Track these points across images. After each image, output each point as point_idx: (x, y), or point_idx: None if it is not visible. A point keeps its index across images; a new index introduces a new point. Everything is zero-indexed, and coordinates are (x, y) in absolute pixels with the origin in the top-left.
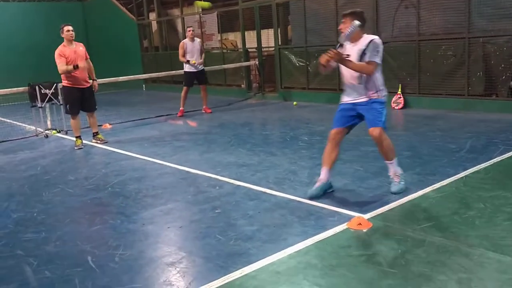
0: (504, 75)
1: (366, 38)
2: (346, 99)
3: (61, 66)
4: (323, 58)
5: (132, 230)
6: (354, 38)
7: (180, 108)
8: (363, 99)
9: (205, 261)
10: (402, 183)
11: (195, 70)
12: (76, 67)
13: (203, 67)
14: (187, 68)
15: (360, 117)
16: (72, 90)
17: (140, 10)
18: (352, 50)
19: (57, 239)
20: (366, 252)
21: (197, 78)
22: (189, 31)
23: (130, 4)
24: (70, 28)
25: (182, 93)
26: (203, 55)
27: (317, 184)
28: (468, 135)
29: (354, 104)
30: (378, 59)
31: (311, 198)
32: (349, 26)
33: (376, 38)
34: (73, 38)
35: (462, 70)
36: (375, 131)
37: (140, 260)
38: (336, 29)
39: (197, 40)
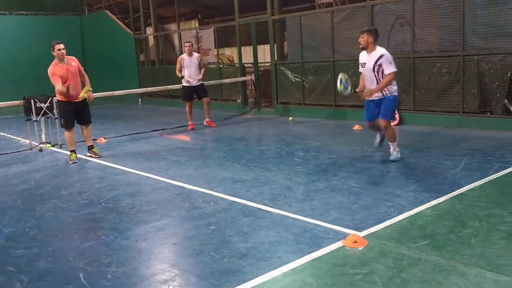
0: (499, 92)
1: (378, 50)
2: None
3: (58, 86)
4: (366, 96)
5: (125, 247)
6: (370, 49)
7: (189, 122)
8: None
9: (199, 279)
10: (399, 155)
11: (194, 84)
12: (68, 89)
13: (201, 82)
14: (185, 82)
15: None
16: (65, 104)
17: (137, 25)
18: (368, 59)
19: (49, 255)
20: (362, 270)
21: (196, 93)
22: (186, 46)
23: (127, 19)
24: (61, 46)
25: (186, 109)
26: (202, 70)
27: (378, 139)
28: (463, 153)
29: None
30: (393, 68)
31: (377, 148)
32: (365, 40)
33: (386, 52)
34: (64, 57)
35: (456, 87)
36: (383, 122)
37: (132, 277)
38: (331, 45)
39: (195, 54)
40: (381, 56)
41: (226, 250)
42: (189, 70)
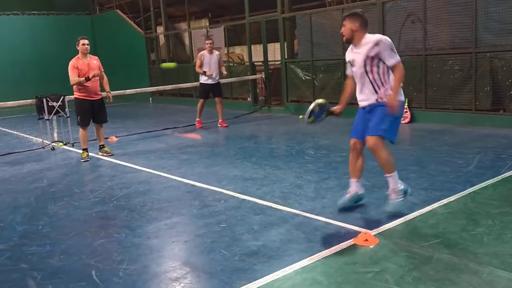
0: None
1: (368, 37)
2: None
3: (73, 77)
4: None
5: (136, 244)
6: (356, 39)
7: (197, 119)
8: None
9: (209, 277)
10: (398, 200)
11: (211, 82)
12: (87, 79)
13: (219, 81)
14: (203, 79)
15: None
16: (83, 102)
17: (148, 24)
18: (357, 52)
19: (62, 252)
20: (373, 269)
21: (212, 91)
22: (207, 43)
23: (138, 18)
24: (86, 41)
25: (198, 105)
26: (222, 68)
27: (347, 196)
28: (476, 150)
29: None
30: (398, 57)
31: (340, 210)
32: (348, 29)
33: (383, 37)
34: (88, 51)
35: (469, 85)
36: (370, 140)
37: (144, 275)
38: (342, 43)
39: (216, 52)
40: (376, 44)
41: (237, 248)
42: (209, 67)
